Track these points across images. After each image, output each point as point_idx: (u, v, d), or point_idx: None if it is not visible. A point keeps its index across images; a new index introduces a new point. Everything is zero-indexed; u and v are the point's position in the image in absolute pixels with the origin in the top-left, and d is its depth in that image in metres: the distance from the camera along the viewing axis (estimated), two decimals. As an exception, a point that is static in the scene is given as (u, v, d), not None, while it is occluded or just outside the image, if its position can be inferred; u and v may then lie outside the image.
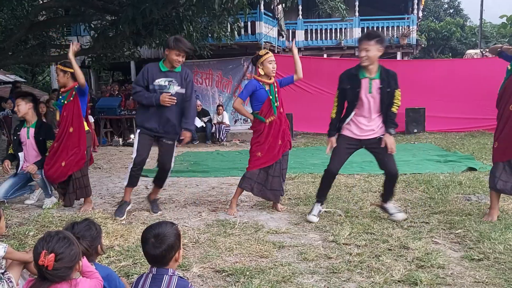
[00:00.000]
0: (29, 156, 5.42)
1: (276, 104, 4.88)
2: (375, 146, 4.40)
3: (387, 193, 4.50)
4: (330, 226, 4.31)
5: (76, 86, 5.09)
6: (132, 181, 4.96)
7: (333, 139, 4.49)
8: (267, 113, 4.87)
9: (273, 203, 5.07)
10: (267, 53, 4.92)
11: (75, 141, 5.09)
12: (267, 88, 4.89)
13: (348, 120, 4.39)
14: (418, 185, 6.02)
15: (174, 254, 2.25)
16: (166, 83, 4.69)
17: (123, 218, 4.77)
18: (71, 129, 5.08)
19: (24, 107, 5.31)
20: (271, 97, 4.85)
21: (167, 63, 4.74)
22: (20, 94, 5.58)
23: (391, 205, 4.51)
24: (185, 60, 4.88)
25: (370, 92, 4.25)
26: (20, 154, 5.44)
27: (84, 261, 2.26)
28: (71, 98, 5.09)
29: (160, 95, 4.64)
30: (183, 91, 4.77)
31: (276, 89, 4.95)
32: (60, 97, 5.20)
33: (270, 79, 4.91)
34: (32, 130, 5.39)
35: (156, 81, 4.69)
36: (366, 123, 4.37)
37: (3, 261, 2.73)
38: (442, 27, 32.56)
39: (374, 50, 4.15)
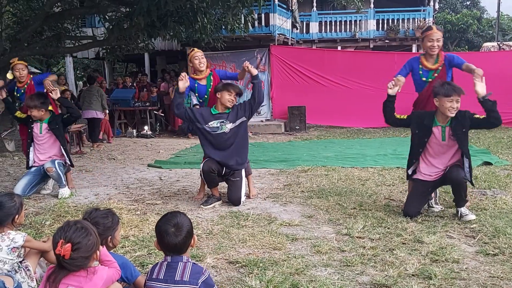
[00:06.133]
0: (41, 149, 5.55)
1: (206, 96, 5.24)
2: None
3: (457, 199, 4.30)
4: (344, 219, 4.30)
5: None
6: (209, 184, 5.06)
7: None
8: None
9: None
10: (192, 50, 5.28)
11: None
12: (202, 83, 5.21)
13: (415, 164, 4.41)
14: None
15: (191, 240, 2.36)
16: (218, 125, 4.90)
17: (207, 207, 4.87)
18: None
19: (38, 114, 5.44)
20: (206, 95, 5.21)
21: (217, 106, 4.94)
22: (30, 104, 5.46)
23: (463, 209, 4.28)
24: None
25: (443, 140, 4.24)
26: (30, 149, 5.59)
27: (103, 250, 2.29)
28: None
29: (211, 135, 4.91)
30: (240, 120, 4.93)
31: (212, 83, 5.21)
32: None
33: (201, 74, 5.22)
34: (44, 125, 5.52)
35: (209, 123, 4.89)
36: (437, 162, 4.32)
37: (21, 250, 2.78)
38: (458, 19, 32.03)
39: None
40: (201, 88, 5.23)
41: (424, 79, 4.59)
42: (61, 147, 5.56)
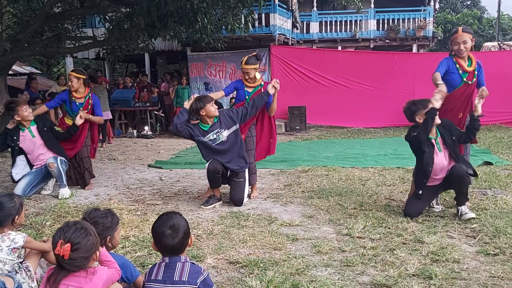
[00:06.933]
0: (39, 153, 5.52)
1: None
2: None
3: (458, 195, 4.30)
4: (344, 220, 4.30)
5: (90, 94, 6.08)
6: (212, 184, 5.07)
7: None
8: None
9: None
10: (241, 62, 5.31)
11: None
12: (248, 90, 5.25)
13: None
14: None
15: (188, 241, 2.35)
16: (215, 136, 4.92)
17: (207, 207, 4.88)
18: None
19: (26, 113, 5.39)
20: (247, 98, 5.23)
21: (205, 121, 4.92)
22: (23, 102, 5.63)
23: (463, 207, 4.28)
24: (199, 52, 5.07)
25: (440, 150, 4.30)
26: (19, 158, 5.53)
27: (103, 250, 2.29)
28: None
29: (212, 146, 4.93)
30: (234, 128, 4.98)
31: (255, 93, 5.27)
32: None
33: (252, 83, 5.28)
34: (33, 128, 5.50)
35: (206, 137, 4.90)
36: (440, 173, 4.36)
37: (22, 250, 2.78)
38: (459, 19, 32.02)
39: None
40: (244, 93, 5.29)
41: (465, 79, 4.53)
42: (52, 151, 5.55)
